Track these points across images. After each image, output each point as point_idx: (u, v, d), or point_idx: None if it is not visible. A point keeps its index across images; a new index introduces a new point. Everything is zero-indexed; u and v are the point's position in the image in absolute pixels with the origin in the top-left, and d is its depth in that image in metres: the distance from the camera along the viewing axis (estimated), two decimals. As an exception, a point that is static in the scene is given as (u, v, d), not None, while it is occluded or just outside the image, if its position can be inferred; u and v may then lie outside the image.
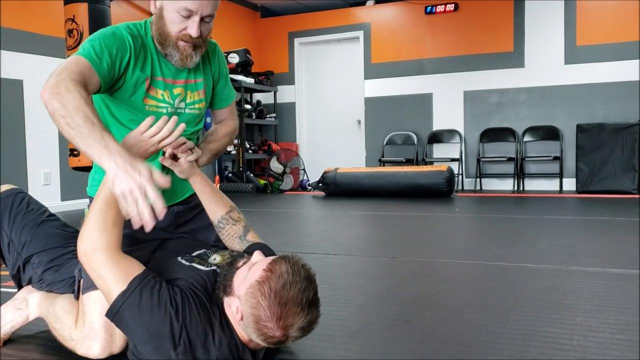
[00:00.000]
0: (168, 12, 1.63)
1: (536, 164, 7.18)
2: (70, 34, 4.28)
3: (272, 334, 1.34)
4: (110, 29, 1.66)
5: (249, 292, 1.36)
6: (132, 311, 1.36)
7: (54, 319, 1.66)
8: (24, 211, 1.79)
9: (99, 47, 1.57)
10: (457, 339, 1.83)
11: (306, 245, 3.66)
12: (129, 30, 1.68)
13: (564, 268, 2.78)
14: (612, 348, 1.73)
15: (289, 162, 7.84)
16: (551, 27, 7.05)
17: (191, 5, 1.60)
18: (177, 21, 1.63)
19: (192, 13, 1.62)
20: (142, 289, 1.38)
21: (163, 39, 1.67)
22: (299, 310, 1.33)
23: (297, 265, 1.38)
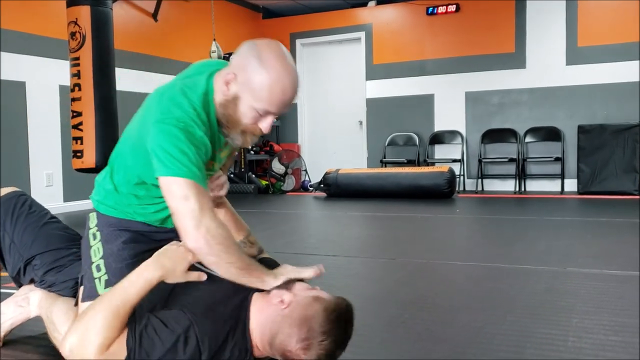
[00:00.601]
0: (244, 105, 1.49)
1: (537, 165, 7.19)
2: (73, 36, 4.30)
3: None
4: (193, 131, 1.46)
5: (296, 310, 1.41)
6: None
7: (51, 325, 1.67)
8: (26, 213, 1.81)
9: (196, 160, 1.44)
10: (453, 340, 1.85)
11: (306, 246, 3.68)
12: (199, 120, 1.49)
13: (561, 269, 2.80)
14: (607, 349, 1.74)
15: (291, 163, 7.86)
16: (552, 28, 7.05)
17: (274, 109, 1.50)
18: (250, 117, 1.51)
19: (270, 114, 1.52)
20: (142, 344, 1.36)
21: (230, 125, 1.54)
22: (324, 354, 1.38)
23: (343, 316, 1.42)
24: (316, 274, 1.51)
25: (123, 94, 5.58)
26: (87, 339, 1.32)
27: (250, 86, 1.46)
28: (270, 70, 1.45)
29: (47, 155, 5.40)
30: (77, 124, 4.34)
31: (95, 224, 1.66)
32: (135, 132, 1.59)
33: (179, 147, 1.41)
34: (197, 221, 1.38)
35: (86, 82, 4.28)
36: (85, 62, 4.27)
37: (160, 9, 6.67)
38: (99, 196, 1.69)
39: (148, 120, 1.49)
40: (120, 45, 5.63)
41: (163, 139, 1.42)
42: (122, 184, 1.63)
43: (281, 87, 1.47)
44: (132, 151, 1.58)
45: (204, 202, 1.40)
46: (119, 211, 1.65)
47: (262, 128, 1.54)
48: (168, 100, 1.49)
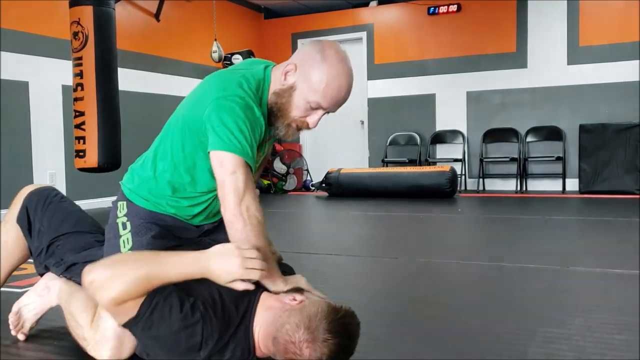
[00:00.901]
0: (298, 96, 1.55)
1: (539, 165, 7.19)
2: (76, 36, 4.31)
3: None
4: (252, 111, 1.52)
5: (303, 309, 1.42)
6: (143, 334, 1.40)
7: (68, 314, 1.68)
8: (58, 201, 1.88)
9: (251, 141, 1.49)
10: (455, 339, 1.85)
11: (308, 245, 3.68)
12: (259, 103, 1.56)
13: (564, 268, 2.80)
14: (611, 348, 1.74)
15: (293, 163, 7.86)
16: (554, 27, 7.05)
17: (326, 104, 1.55)
18: (302, 109, 1.56)
19: (321, 108, 1.57)
20: (152, 314, 1.38)
21: (280, 114, 1.58)
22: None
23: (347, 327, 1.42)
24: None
25: (125, 93, 5.58)
26: (112, 283, 1.35)
27: (309, 79, 1.53)
28: (330, 67, 1.52)
29: (50, 155, 5.41)
30: (79, 123, 4.34)
31: (124, 213, 1.66)
32: (187, 112, 1.61)
33: (238, 124, 1.47)
34: (240, 198, 1.44)
35: (88, 82, 4.28)
36: (87, 62, 4.28)
37: (163, 9, 6.68)
38: (132, 184, 1.70)
39: (206, 99, 1.52)
40: (122, 46, 5.63)
41: (224, 114, 1.47)
42: (165, 170, 1.63)
43: (338, 85, 1.53)
44: (183, 132, 1.60)
45: (249, 182, 1.46)
46: (150, 203, 1.66)
47: (309, 122, 1.59)
48: (229, 80, 1.54)
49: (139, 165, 1.72)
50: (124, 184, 1.73)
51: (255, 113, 1.52)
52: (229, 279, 1.42)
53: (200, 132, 1.54)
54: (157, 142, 1.70)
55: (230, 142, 1.46)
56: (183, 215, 1.70)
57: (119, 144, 4.42)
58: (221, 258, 1.41)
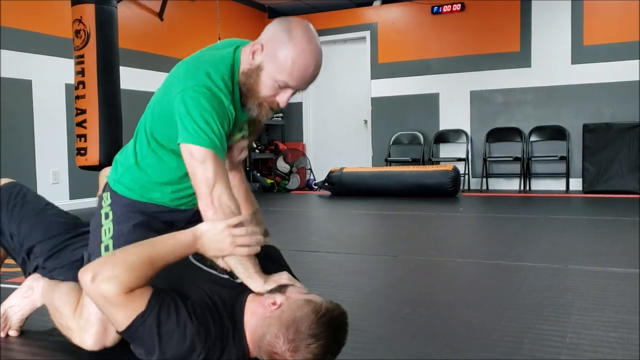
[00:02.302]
0: (266, 76, 1.55)
1: (542, 164, 7.16)
2: (78, 34, 4.33)
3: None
4: (220, 101, 1.52)
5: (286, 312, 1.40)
6: (151, 331, 1.37)
7: (53, 309, 1.69)
8: (21, 203, 1.83)
9: (219, 131, 1.50)
10: (451, 336, 1.86)
11: (308, 243, 3.69)
12: (226, 90, 1.55)
13: (563, 267, 2.79)
14: (605, 346, 1.74)
15: (296, 162, 7.87)
16: (558, 26, 7.03)
17: (293, 82, 1.54)
18: (270, 87, 1.56)
19: (289, 87, 1.57)
20: (160, 309, 1.38)
21: (249, 94, 1.59)
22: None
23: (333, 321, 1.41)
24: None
25: (128, 92, 5.61)
26: (116, 272, 1.34)
27: (275, 57, 1.52)
28: (296, 45, 1.51)
29: (53, 153, 5.43)
30: (81, 121, 4.37)
31: (108, 203, 1.67)
32: (157, 101, 1.63)
33: (204, 116, 1.47)
34: (210, 188, 1.46)
35: (90, 80, 4.31)
36: (89, 60, 4.30)
37: (166, 8, 6.70)
38: (116, 174, 1.71)
39: (175, 87, 1.53)
40: (126, 44, 5.66)
41: (191, 106, 1.48)
42: (145, 155, 1.65)
43: (304, 63, 1.52)
44: (154, 120, 1.63)
45: (219, 172, 1.48)
46: (134, 192, 1.67)
47: (279, 102, 1.59)
48: (196, 69, 1.54)
49: (123, 154, 1.74)
50: (108, 176, 1.75)
51: (224, 102, 1.52)
52: (219, 255, 1.46)
53: (170, 122, 1.56)
54: (136, 130, 1.72)
55: (197, 135, 1.47)
56: (167, 201, 1.70)
57: (120, 142, 4.43)
58: (211, 235, 1.44)
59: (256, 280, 1.50)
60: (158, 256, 1.40)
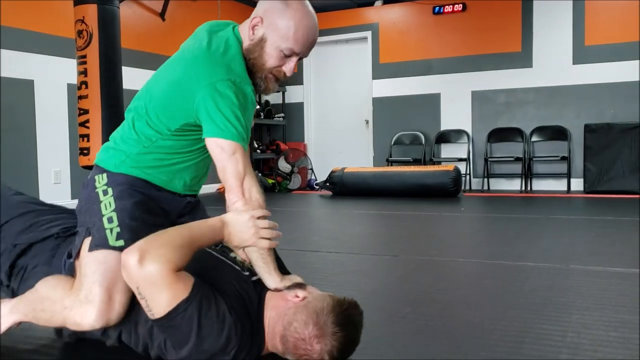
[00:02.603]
0: (270, 46, 1.59)
1: (544, 164, 7.17)
2: (80, 34, 4.34)
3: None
4: (244, 93, 1.55)
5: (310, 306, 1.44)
6: (191, 319, 1.35)
7: (38, 302, 1.54)
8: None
9: (246, 125, 1.55)
10: (451, 335, 1.86)
11: (309, 243, 3.69)
12: (247, 77, 1.60)
13: (564, 267, 2.80)
14: (605, 345, 1.74)
15: (297, 162, 7.88)
16: (559, 27, 7.03)
17: (298, 48, 1.60)
18: (276, 57, 1.60)
19: (294, 54, 1.61)
20: (202, 299, 1.37)
21: (256, 69, 1.63)
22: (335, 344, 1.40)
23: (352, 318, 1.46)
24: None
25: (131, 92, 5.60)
26: (162, 252, 1.34)
27: (277, 27, 1.58)
28: (295, 11, 1.58)
29: (55, 152, 5.44)
30: (83, 121, 4.38)
31: (104, 182, 1.63)
32: (169, 88, 1.61)
33: (234, 111, 1.52)
34: (241, 180, 1.51)
35: (93, 80, 4.32)
36: (92, 60, 4.31)
37: (168, 8, 6.71)
38: (107, 154, 1.67)
39: (198, 80, 1.53)
40: (128, 44, 5.67)
41: (220, 101, 1.51)
42: (147, 134, 1.63)
43: (306, 27, 1.59)
44: (165, 108, 1.61)
45: (247, 165, 1.53)
46: (132, 167, 1.64)
47: (285, 70, 1.63)
48: (216, 62, 1.55)
49: (113, 139, 1.70)
50: (98, 160, 1.70)
51: (248, 94, 1.57)
52: (241, 245, 1.51)
53: (187, 111, 1.56)
54: (133, 114, 1.69)
55: (228, 130, 1.50)
56: (166, 179, 1.68)
57: (122, 141, 4.44)
58: (237, 224, 1.49)
59: (274, 277, 1.54)
60: (196, 238, 1.43)
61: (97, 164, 1.69)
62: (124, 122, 1.72)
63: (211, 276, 1.49)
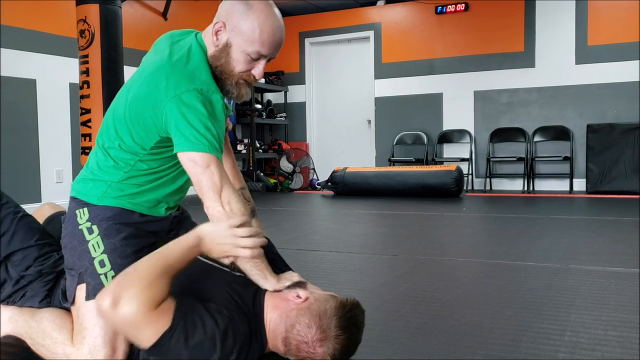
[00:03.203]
0: (236, 51, 1.53)
1: (546, 164, 7.15)
2: (82, 34, 4.35)
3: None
4: (211, 102, 1.49)
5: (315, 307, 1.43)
6: (178, 344, 1.34)
7: (40, 335, 1.52)
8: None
9: (217, 134, 1.48)
10: (449, 333, 1.86)
11: (310, 242, 3.69)
12: (213, 85, 1.54)
13: (563, 266, 2.79)
14: (603, 344, 1.74)
15: (299, 162, 7.88)
16: (562, 26, 7.01)
17: (266, 50, 1.53)
18: (243, 62, 1.54)
19: (262, 56, 1.55)
20: (186, 322, 1.35)
21: (224, 77, 1.56)
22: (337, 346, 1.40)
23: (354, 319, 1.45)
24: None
25: (132, 91, 5.63)
26: (134, 293, 1.29)
27: (241, 30, 1.51)
28: (258, 12, 1.51)
29: (57, 152, 5.46)
30: (85, 121, 4.39)
31: (87, 218, 1.57)
32: (132, 104, 1.54)
33: (202, 121, 1.45)
34: (218, 193, 1.45)
35: (95, 80, 4.33)
36: (93, 59, 4.32)
37: (170, 8, 6.72)
38: (86, 187, 1.61)
39: (162, 93, 1.47)
40: (130, 44, 5.68)
41: (188, 113, 1.44)
42: (121, 159, 1.57)
43: (270, 28, 1.53)
44: (128, 124, 1.55)
45: (223, 176, 1.47)
46: (113, 198, 1.58)
47: (255, 74, 1.57)
48: (180, 72, 1.49)
49: (90, 169, 1.64)
50: (76, 193, 1.63)
51: (215, 102, 1.50)
52: (222, 257, 1.44)
53: (157, 125, 1.51)
54: (104, 141, 1.62)
55: (199, 142, 1.44)
56: (149, 206, 1.64)
57: (124, 141, 4.45)
58: (214, 236, 1.42)
59: (270, 281, 1.52)
60: (170, 266, 1.37)
61: (76, 196, 1.62)
62: (96, 152, 1.63)
63: (198, 285, 1.47)
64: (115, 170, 1.57)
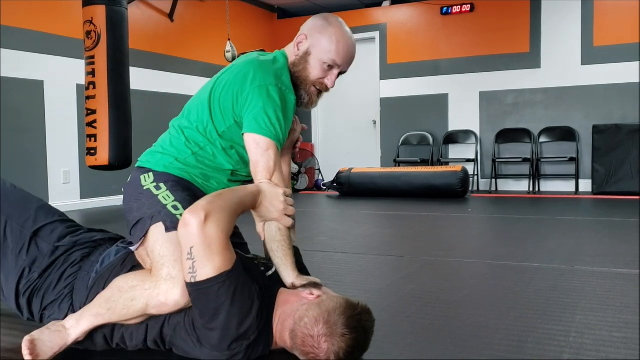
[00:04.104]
0: (314, 59, 1.77)
1: (552, 165, 7.14)
2: (89, 35, 4.38)
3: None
4: (286, 100, 1.72)
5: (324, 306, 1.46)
6: (225, 294, 1.38)
7: (113, 295, 1.53)
8: (13, 190, 1.77)
9: (285, 128, 1.70)
10: (455, 334, 1.87)
11: (316, 243, 3.70)
12: (292, 88, 1.78)
13: (569, 267, 2.79)
14: (608, 345, 1.74)
15: (304, 162, 7.89)
16: (568, 27, 7.00)
17: (339, 60, 1.78)
18: (319, 69, 1.78)
19: (336, 67, 1.79)
20: (240, 276, 1.42)
21: (300, 81, 1.80)
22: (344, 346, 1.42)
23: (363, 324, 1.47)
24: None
25: (139, 93, 5.66)
26: (222, 216, 1.41)
27: (320, 42, 1.77)
28: (337, 28, 1.79)
29: (65, 152, 5.49)
30: (91, 121, 4.41)
31: (152, 180, 1.68)
32: (220, 91, 1.74)
33: (276, 112, 1.67)
34: (270, 175, 1.65)
35: (101, 81, 4.35)
36: (100, 60, 4.34)
37: (176, 9, 6.75)
38: (154, 158, 1.75)
39: (249, 83, 1.68)
40: (136, 45, 5.71)
41: (267, 102, 1.66)
42: (197, 142, 1.74)
43: (347, 42, 1.79)
44: (214, 109, 1.74)
45: (278, 162, 1.67)
46: (179, 169, 1.71)
47: (327, 83, 1.81)
48: (267, 70, 1.71)
49: (161, 144, 1.79)
50: (142, 163, 1.76)
51: (290, 101, 1.73)
52: (267, 216, 1.62)
53: (234, 109, 1.71)
54: (182, 121, 1.79)
55: (267, 128, 1.64)
56: (207, 188, 1.77)
57: (130, 142, 4.47)
58: (270, 196, 1.60)
59: (290, 272, 1.63)
60: (242, 205, 1.51)
61: (142, 165, 1.76)
62: (169, 132, 1.81)
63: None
64: (185, 147, 1.74)
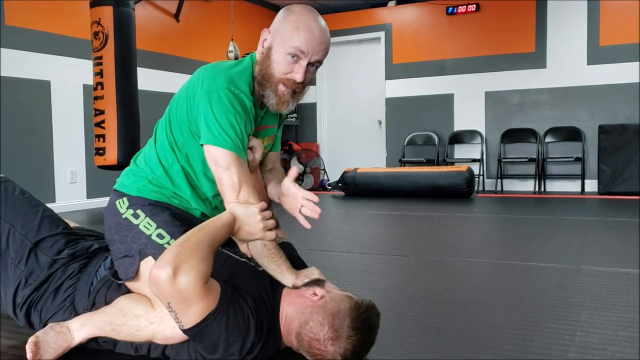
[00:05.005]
0: (276, 52, 1.58)
1: (558, 165, 7.13)
2: (96, 36, 4.41)
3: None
4: (242, 102, 1.56)
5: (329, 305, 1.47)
6: (219, 327, 1.37)
7: (119, 314, 1.56)
8: (21, 197, 1.77)
9: (242, 134, 1.54)
10: (460, 333, 1.88)
11: (321, 243, 3.72)
12: (248, 92, 1.60)
13: (574, 267, 2.80)
14: (613, 344, 1.75)
15: (310, 162, 7.91)
16: (574, 27, 6.99)
17: (303, 45, 1.56)
18: (284, 63, 1.57)
19: (301, 56, 1.57)
20: (229, 307, 1.39)
21: (265, 80, 1.61)
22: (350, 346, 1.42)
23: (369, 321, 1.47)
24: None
25: (145, 93, 5.68)
26: (192, 264, 1.30)
27: (280, 32, 1.59)
28: (299, 15, 1.59)
29: (71, 152, 5.52)
30: (99, 121, 4.44)
31: (127, 206, 1.64)
32: (177, 105, 1.66)
33: (228, 118, 1.52)
34: (237, 192, 1.52)
35: (108, 81, 4.38)
36: (107, 61, 4.38)
37: (182, 10, 6.77)
38: (128, 180, 1.70)
39: (198, 88, 1.57)
40: (142, 45, 5.74)
41: (216, 107, 1.52)
42: (171, 161, 1.67)
43: (307, 26, 1.58)
44: (173, 124, 1.66)
45: (243, 175, 1.54)
46: (154, 192, 1.66)
47: (296, 77, 1.59)
48: (218, 73, 1.58)
49: (136, 164, 1.74)
50: (118, 185, 1.72)
51: (246, 104, 1.58)
52: (249, 239, 1.52)
53: (187, 117, 1.61)
54: (153, 139, 1.73)
55: (222, 138, 1.51)
56: (182, 205, 1.72)
57: (138, 142, 4.51)
58: (245, 217, 1.48)
59: (287, 277, 1.56)
60: (214, 239, 1.41)
61: (117, 189, 1.71)
62: (145, 149, 1.75)
63: (236, 281, 1.51)
64: (158, 165, 1.67)
